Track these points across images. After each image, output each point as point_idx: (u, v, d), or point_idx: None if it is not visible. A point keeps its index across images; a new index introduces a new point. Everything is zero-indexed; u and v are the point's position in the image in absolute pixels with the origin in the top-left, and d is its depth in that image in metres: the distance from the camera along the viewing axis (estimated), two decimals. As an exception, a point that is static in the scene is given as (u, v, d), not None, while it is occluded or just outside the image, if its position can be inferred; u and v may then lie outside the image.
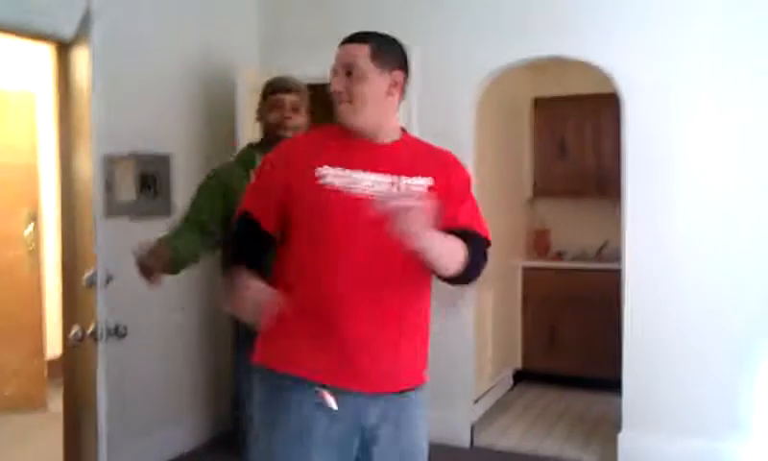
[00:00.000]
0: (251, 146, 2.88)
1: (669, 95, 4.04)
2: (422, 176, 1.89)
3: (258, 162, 2.50)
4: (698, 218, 4.01)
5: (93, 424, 2.93)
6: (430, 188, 1.88)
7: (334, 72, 1.91)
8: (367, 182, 1.83)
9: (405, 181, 1.86)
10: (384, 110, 1.90)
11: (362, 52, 1.87)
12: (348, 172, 1.83)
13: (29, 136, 5.02)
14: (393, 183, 1.85)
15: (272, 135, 2.71)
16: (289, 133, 2.66)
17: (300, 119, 2.73)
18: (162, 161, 4.08)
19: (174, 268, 2.54)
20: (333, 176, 1.83)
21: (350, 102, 1.87)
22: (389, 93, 1.89)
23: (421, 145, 2.01)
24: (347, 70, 1.87)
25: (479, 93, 4.51)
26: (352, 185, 1.82)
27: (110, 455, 2.82)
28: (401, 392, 1.91)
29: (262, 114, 2.80)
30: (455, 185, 1.96)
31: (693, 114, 4.00)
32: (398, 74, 1.91)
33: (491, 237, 2.04)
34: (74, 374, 3.59)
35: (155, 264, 2.44)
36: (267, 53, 4.84)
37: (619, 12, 4.11)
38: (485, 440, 4.60)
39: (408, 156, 1.92)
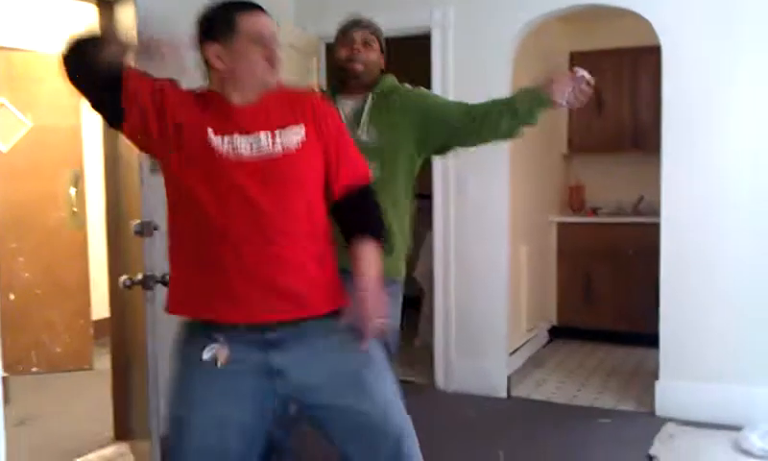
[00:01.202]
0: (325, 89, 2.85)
1: (710, 46, 3.98)
2: (294, 124, 1.94)
3: (335, 105, 2.50)
4: (735, 171, 3.97)
5: (141, 378, 3.04)
6: (304, 139, 1.94)
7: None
8: (245, 145, 1.88)
9: (279, 132, 1.91)
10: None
11: None
12: (228, 137, 1.88)
13: (72, 98, 5.07)
14: (269, 138, 1.90)
15: (343, 72, 2.64)
16: (359, 67, 2.59)
17: (373, 54, 2.64)
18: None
19: None
20: (218, 141, 1.88)
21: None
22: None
23: (285, 94, 2.04)
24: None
25: (516, 48, 4.49)
26: (234, 149, 1.87)
27: (159, 407, 2.91)
28: (295, 321, 1.89)
29: (336, 53, 2.69)
30: (328, 129, 2.00)
31: (734, 66, 3.95)
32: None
33: (369, 173, 2.10)
34: (122, 327, 3.71)
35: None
36: (302, 11, 4.86)
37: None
38: (521, 391, 4.66)
39: (278, 107, 1.96)
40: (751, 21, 3.89)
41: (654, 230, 4.27)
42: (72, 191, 5.12)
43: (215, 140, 1.87)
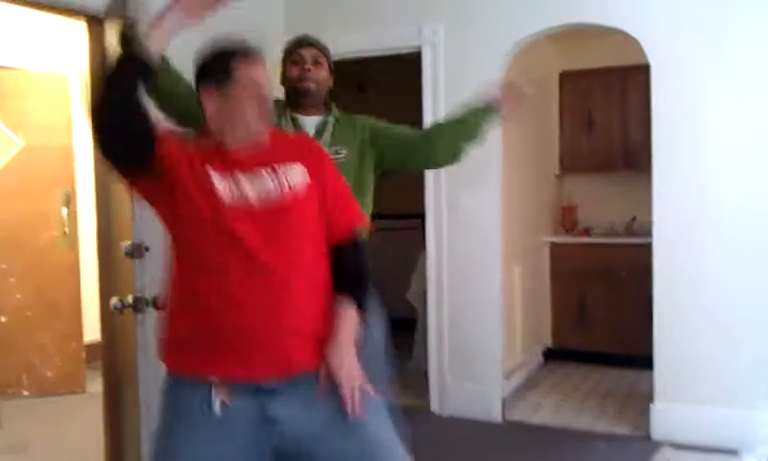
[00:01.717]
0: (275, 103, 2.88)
1: (699, 64, 4.00)
2: (293, 162, 1.95)
3: (279, 121, 2.55)
4: (727, 190, 3.98)
5: (133, 402, 2.99)
6: (307, 178, 1.94)
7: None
8: (248, 184, 1.88)
9: (282, 169, 1.92)
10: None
11: None
12: (230, 177, 1.88)
13: (63, 117, 5.10)
14: (272, 174, 1.91)
15: (294, 91, 2.67)
16: (312, 85, 2.63)
17: (322, 73, 2.67)
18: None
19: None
20: (219, 180, 1.87)
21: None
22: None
23: (281, 136, 2.08)
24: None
25: (506, 66, 4.50)
26: (236, 189, 1.87)
27: (151, 431, 2.87)
28: (295, 377, 1.87)
29: (284, 75, 2.73)
30: (326, 174, 2.01)
31: (724, 84, 3.96)
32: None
33: (364, 218, 2.14)
34: (113, 349, 3.65)
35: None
36: (294, 32, 4.84)
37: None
38: (516, 415, 4.63)
39: (274, 147, 1.97)
40: (738, 40, 3.91)
41: (647, 250, 4.26)
42: (64, 211, 5.08)
43: (218, 185, 1.85)
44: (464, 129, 2.70)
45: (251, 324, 1.81)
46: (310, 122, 2.66)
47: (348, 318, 1.93)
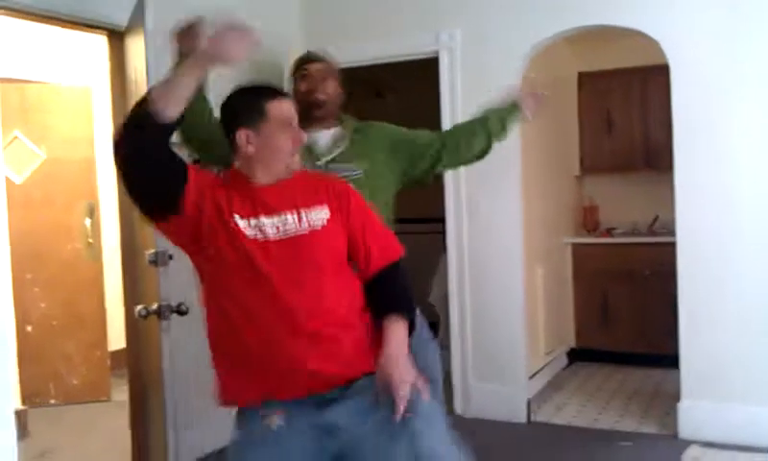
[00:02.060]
0: None
1: (719, 63, 3.96)
2: (318, 205, 2.02)
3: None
4: (750, 187, 3.94)
5: (159, 409, 3.01)
6: (329, 218, 2.02)
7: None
8: (271, 226, 1.94)
9: (305, 212, 1.98)
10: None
11: None
12: (254, 220, 1.94)
13: (86, 130, 5.16)
14: (296, 216, 1.97)
15: (305, 105, 2.67)
16: (322, 96, 2.67)
17: (330, 88, 2.71)
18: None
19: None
20: (244, 225, 1.93)
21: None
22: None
23: (308, 177, 2.13)
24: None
25: (523, 70, 4.49)
26: (259, 233, 1.93)
27: (177, 438, 2.90)
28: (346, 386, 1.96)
29: (295, 90, 2.76)
30: (354, 211, 2.08)
31: (744, 83, 3.92)
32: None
33: (400, 248, 2.18)
34: (138, 358, 3.69)
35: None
36: (309, 40, 4.87)
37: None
38: (541, 416, 4.60)
39: (302, 189, 2.04)
40: (758, 38, 3.87)
41: (670, 249, 4.22)
42: (87, 222, 5.14)
43: (241, 224, 1.92)
44: (486, 125, 2.75)
45: (286, 354, 1.90)
46: (323, 137, 2.68)
47: (396, 329, 1.99)
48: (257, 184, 1.98)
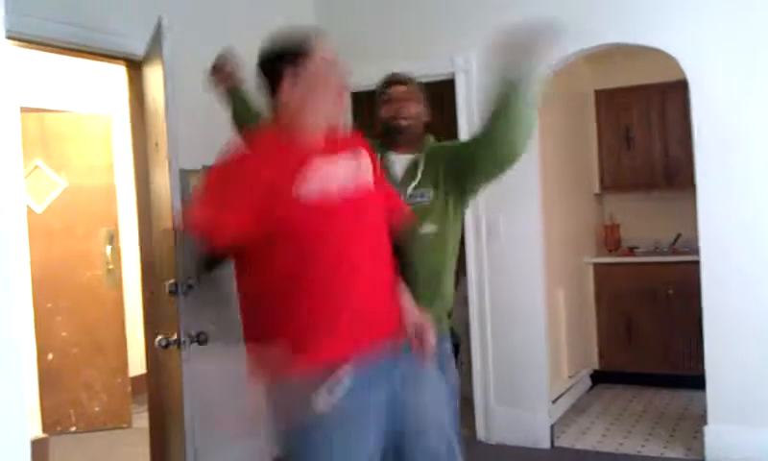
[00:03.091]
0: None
1: (739, 79, 3.92)
2: (364, 159, 2.09)
3: (380, 153, 2.53)
4: (774, 204, 3.88)
5: (179, 435, 3.01)
6: (372, 175, 2.09)
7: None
8: (337, 175, 1.96)
9: (357, 160, 2.05)
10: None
11: None
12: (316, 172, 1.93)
13: (106, 157, 5.20)
14: (352, 164, 2.02)
15: (389, 130, 2.65)
16: (404, 122, 2.62)
17: (415, 107, 2.66)
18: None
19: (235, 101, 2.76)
20: (308, 187, 1.91)
21: None
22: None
23: (341, 134, 2.14)
24: None
25: (542, 88, 4.45)
26: (327, 185, 1.93)
27: (196, 461, 2.88)
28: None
29: (377, 114, 2.71)
30: (377, 171, 2.16)
31: (763, 98, 3.88)
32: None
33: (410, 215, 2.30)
34: (159, 385, 3.68)
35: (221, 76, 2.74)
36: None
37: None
38: (565, 441, 4.53)
39: (340, 143, 2.07)
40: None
41: (693, 268, 4.16)
42: (107, 250, 5.16)
43: (308, 189, 1.90)
44: (505, 108, 2.38)
45: (368, 306, 1.96)
46: (400, 161, 2.63)
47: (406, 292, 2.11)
48: (302, 134, 1.97)
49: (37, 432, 4.64)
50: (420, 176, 2.57)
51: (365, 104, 3.32)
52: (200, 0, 4.01)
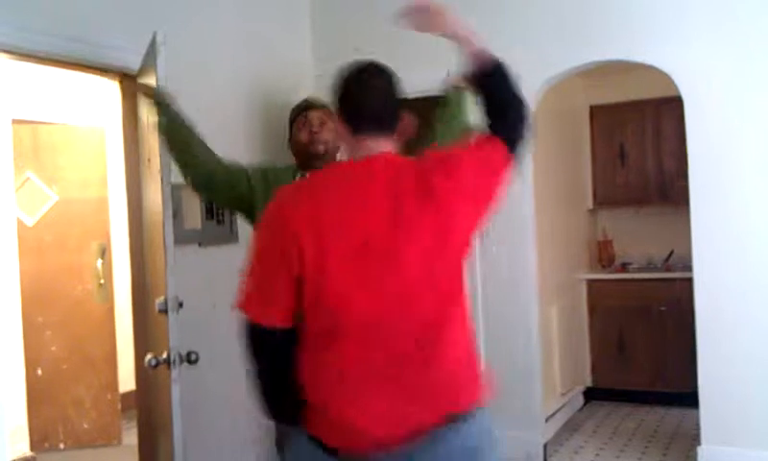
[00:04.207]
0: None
1: (733, 95, 3.93)
2: None
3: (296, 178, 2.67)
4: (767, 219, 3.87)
5: (168, 453, 2.96)
6: None
7: None
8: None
9: None
10: None
11: None
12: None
13: (99, 170, 5.17)
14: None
15: (304, 155, 2.78)
16: (321, 147, 2.74)
17: (328, 134, 2.76)
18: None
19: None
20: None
21: None
22: None
23: None
24: None
25: (536, 104, 4.46)
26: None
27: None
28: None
29: (293, 139, 2.86)
30: None
31: (757, 115, 3.89)
32: None
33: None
34: (148, 403, 3.64)
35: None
36: (321, 75, 4.88)
37: (679, 13, 4.01)
38: (558, 460, 4.50)
39: None
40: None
41: (686, 284, 4.16)
42: (99, 264, 5.12)
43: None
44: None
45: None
46: None
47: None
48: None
49: (25, 450, 4.59)
50: None
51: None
52: (195, 15, 3.99)
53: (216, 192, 2.81)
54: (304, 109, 2.84)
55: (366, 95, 1.86)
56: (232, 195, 2.74)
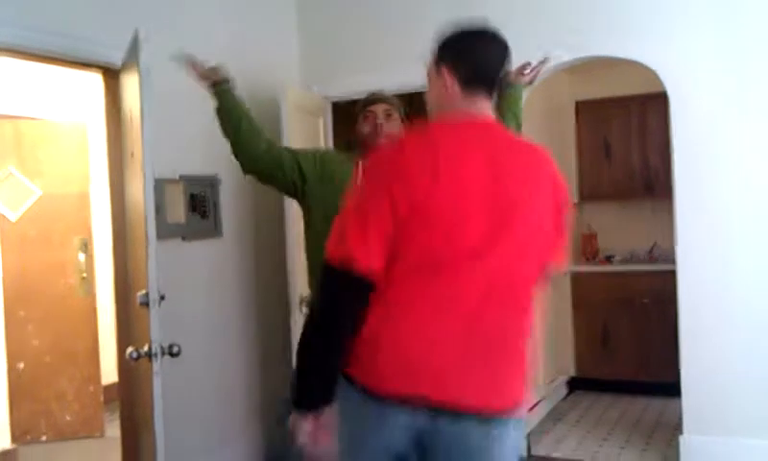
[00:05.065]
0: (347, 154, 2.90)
1: (718, 91, 3.95)
2: None
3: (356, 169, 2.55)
4: (750, 215, 3.91)
5: (151, 446, 2.97)
6: None
7: None
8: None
9: None
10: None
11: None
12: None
13: (81, 165, 5.14)
14: None
15: (366, 147, 2.72)
16: (383, 140, 2.68)
17: (394, 126, 2.75)
18: (210, 183, 4.13)
19: (222, 102, 2.79)
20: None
21: None
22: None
23: None
24: None
25: (522, 99, 4.47)
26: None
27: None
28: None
29: (358, 132, 2.82)
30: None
31: (742, 111, 3.92)
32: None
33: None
34: (130, 396, 3.64)
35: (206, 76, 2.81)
36: (307, 72, 4.88)
37: (664, 9, 4.03)
38: (541, 449, 4.53)
39: None
40: (757, 66, 3.87)
41: (669, 276, 4.20)
42: (81, 258, 5.10)
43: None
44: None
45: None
46: None
47: None
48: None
49: (6, 443, 4.57)
50: None
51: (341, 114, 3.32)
52: (178, 11, 3.97)
53: (263, 176, 2.86)
54: (371, 102, 2.82)
55: (489, 54, 1.88)
56: (281, 180, 2.81)
